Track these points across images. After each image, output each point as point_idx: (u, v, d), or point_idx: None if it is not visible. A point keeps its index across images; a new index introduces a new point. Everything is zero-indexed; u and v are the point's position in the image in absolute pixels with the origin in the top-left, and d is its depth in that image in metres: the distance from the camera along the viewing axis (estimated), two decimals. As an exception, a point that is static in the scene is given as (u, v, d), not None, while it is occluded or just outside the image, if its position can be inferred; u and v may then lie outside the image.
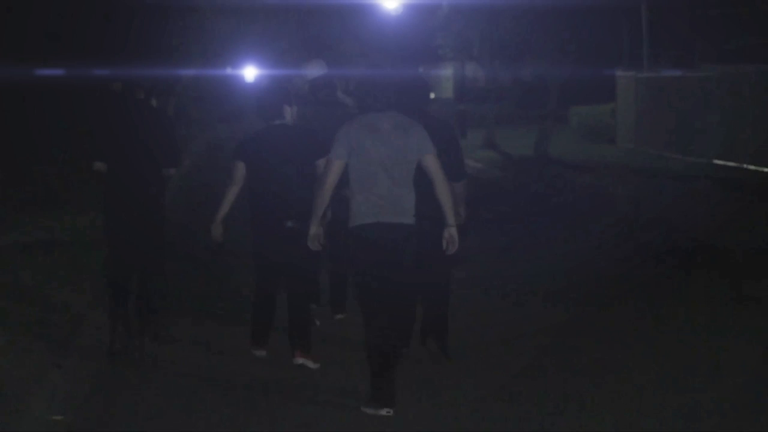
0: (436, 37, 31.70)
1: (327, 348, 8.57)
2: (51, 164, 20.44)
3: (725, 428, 6.80)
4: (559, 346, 8.86)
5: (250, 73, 36.56)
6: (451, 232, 7.20)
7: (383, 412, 6.98)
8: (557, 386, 7.62)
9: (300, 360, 8.08)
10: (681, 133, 24.72)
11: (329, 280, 9.77)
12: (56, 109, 26.72)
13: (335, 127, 7.29)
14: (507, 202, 18.96)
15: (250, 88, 12.86)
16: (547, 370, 8.10)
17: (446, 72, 50.90)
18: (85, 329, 9.20)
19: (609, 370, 8.01)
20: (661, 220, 15.57)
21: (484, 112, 30.78)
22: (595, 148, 28.16)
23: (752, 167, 21.24)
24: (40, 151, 22.32)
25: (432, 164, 7.10)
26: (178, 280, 10.24)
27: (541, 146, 26.14)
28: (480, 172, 24.25)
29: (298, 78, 10.24)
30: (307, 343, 8.15)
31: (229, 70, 39.35)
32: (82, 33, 25.40)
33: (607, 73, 30.98)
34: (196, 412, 7.34)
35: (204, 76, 33.82)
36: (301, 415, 7.17)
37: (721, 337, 8.92)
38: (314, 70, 9.94)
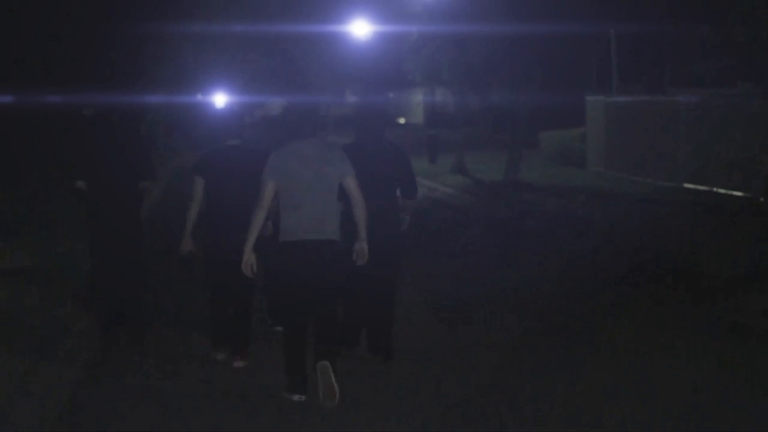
0: (406, 62, 31.78)
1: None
2: (28, 188, 20.41)
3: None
4: (509, 364, 8.93)
5: (219, 100, 36.56)
6: (362, 246, 8.06)
7: (296, 397, 7.79)
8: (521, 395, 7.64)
9: (239, 363, 8.84)
10: (651, 157, 24.84)
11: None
12: (32, 133, 26.72)
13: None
14: (476, 226, 18.96)
15: (217, 115, 13.31)
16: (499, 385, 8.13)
17: (416, 97, 51.19)
18: (67, 340, 9.23)
19: (557, 387, 8.03)
20: (630, 244, 15.61)
21: (454, 137, 30.86)
22: (565, 172, 28.26)
23: (722, 191, 21.35)
24: (17, 175, 22.31)
25: (351, 185, 7.87)
26: (157, 290, 11.35)
27: (511, 171, 26.21)
28: (450, 197, 24.29)
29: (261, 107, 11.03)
30: (243, 346, 8.98)
31: (199, 97, 39.35)
32: (55, 60, 25.42)
33: (576, 98, 31.13)
34: (182, 420, 7.36)
35: (174, 103, 33.78)
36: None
37: (675, 357, 8.98)
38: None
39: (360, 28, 36.80)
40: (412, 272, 13.12)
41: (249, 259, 7.82)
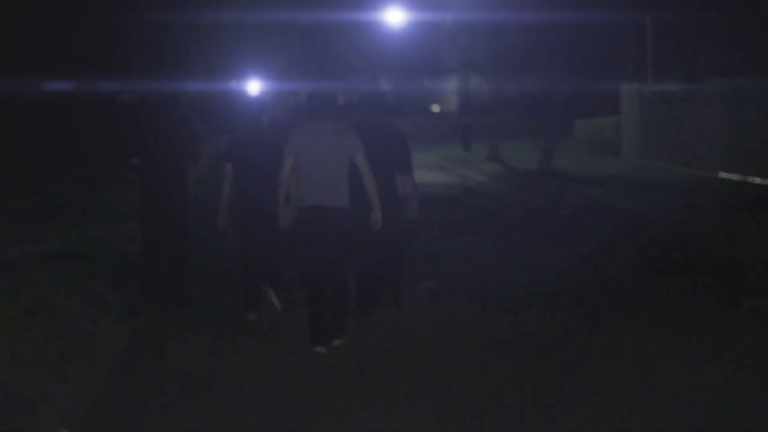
0: (440, 50, 31.77)
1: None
2: (61, 176, 20.58)
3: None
4: (548, 352, 8.90)
5: (254, 86, 36.65)
6: (377, 214, 9.10)
7: (318, 349, 8.94)
8: (549, 391, 7.64)
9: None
10: (685, 145, 24.74)
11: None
12: (68, 121, 26.99)
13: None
14: (510, 215, 18.93)
15: (248, 100, 13.88)
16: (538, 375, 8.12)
17: (451, 85, 51.10)
18: (92, 341, 9.24)
19: (600, 375, 8.01)
20: (664, 233, 15.56)
21: (489, 124, 30.80)
22: (599, 160, 28.17)
23: (758, 180, 21.24)
24: (53, 164, 22.48)
25: (360, 161, 9.00)
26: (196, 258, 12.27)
27: (545, 159, 26.15)
28: (483, 185, 24.27)
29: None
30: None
31: (233, 84, 39.46)
32: (92, 50, 25.63)
33: (611, 86, 31.01)
34: (205, 420, 7.38)
35: (209, 89, 33.89)
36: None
37: (716, 346, 8.92)
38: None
39: (395, 16, 36.80)
40: (443, 261, 13.13)
41: (283, 212, 9.23)
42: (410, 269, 11.71)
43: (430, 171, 27.84)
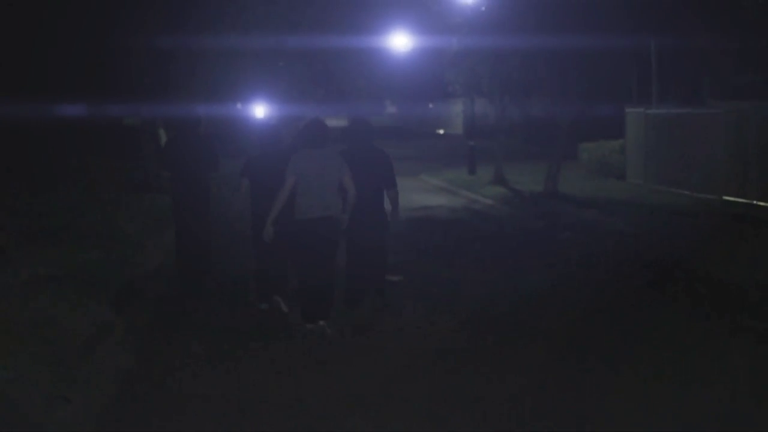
0: (445, 73, 31.86)
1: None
2: (58, 197, 20.67)
3: None
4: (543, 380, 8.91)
5: (259, 110, 36.77)
6: (344, 217, 10.97)
7: (308, 326, 10.75)
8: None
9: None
10: (690, 169, 24.77)
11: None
12: (74, 144, 27.14)
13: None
14: (513, 238, 18.95)
15: (258, 125, 14.75)
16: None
17: (456, 108, 51.22)
18: (95, 362, 9.28)
19: (597, 402, 8.04)
20: (667, 255, 15.57)
21: (494, 148, 30.85)
22: (604, 184, 28.20)
23: (762, 204, 21.26)
24: (59, 186, 22.58)
25: (347, 181, 10.86)
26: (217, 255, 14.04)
27: (550, 182, 26.17)
28: (489, 208, 24.29)
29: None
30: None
31: (239, 108, 39.58)
32: (99, 74, 25.82)
33: (616, 110, 31.06)
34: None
35: (214, 113, 34.02)
36: None
37: (716, 370, 8.94)
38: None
39: (400, 41, 36.96)
40: (444, 280, 13.18)
41: (269, 228, 10.97)
42: (405, 291, 12.72)
43: (437, 194, 27.89)
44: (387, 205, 11.79)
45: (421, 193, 27.73)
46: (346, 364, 9.61)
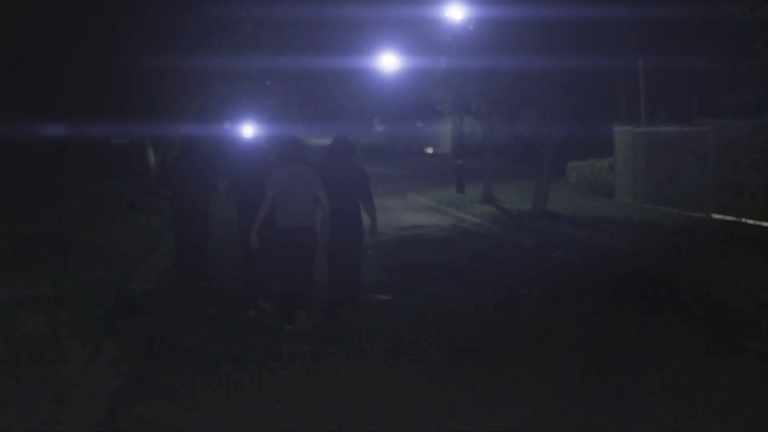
0: (434, 93, 31.93)
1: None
2: (51, 220, 20.59)
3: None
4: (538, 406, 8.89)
5: (247, 129, 36.83)
6: (325, 230, 12.07)
7: (287, 327, 11.69)
8: None
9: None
10: (678, 187, 24.83)
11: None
12: (62, 164, 27.06)
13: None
14: (502, 257, 18.94)
15: (248, 144, 15.21)
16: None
17: (445, 127, 51.34)
18: (85, 384, 9.23)
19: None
20: (655, 273, 15.59)
21: (482, 166, 30.88)
22: (593, 202, 28.25)
23: (751, 222, 21.30)
24: (41, 207, 22.48)
25: (321, 195, 11.83)
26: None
27: (539, 201, 26.18)
28: (477, 226, 24.29)
29: None
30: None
31: (227, 127, 39.63)
32: (84, 95, 25.80)
33: (604, 129, 31.14)
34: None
35: (202, 132, 34.04)
36: None
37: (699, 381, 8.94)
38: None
39: (388, 62, 37.05)
40: (433, 299, 13.18)
41: (252, 238, 12.01)
42: (389, 315, 12.79)
43: (426, 213, 27.91)
44: (366, 220, 12.64)
45: (410, 212, 27.75)
46: (334, 391, 9.32)
